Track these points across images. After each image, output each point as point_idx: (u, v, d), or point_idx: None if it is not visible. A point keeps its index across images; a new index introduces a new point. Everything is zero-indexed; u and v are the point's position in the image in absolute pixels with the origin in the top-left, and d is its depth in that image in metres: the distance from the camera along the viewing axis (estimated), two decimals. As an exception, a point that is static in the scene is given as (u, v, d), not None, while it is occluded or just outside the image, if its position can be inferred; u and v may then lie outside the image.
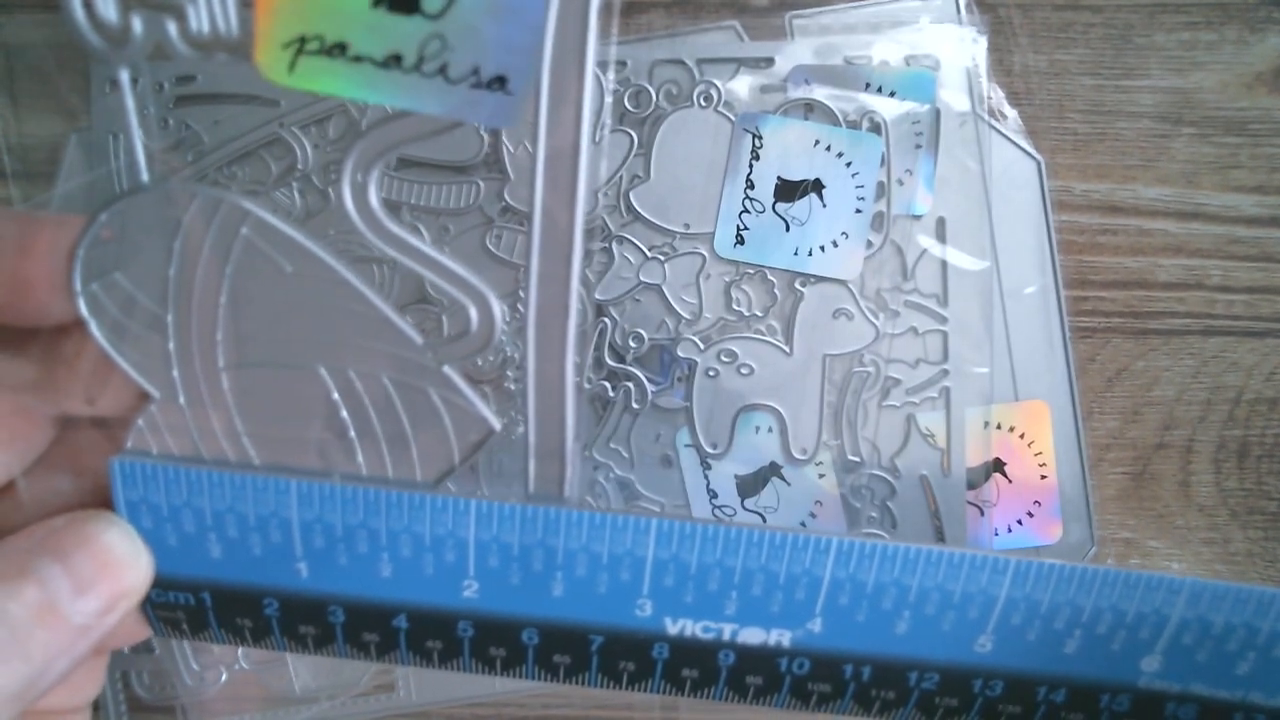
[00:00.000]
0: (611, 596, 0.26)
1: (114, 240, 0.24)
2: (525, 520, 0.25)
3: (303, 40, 0.21)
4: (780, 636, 0.26)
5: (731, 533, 0.25)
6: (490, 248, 0.37)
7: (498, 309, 0.24)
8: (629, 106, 0.37)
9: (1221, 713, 0.26)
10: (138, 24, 0.22)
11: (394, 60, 0.21)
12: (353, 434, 0.25)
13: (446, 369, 0.25)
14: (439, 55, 0.21)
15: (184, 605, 0.26)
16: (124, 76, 0.23)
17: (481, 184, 0.37)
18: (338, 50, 0.21)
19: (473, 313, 0.24)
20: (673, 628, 0.26)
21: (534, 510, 0.25)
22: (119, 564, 0.24)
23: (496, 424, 0.25)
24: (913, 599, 0.25)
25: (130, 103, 0.24)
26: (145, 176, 0.25)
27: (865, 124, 0.36)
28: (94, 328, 0.24)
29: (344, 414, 0.25)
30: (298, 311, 0.24)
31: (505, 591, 0.26)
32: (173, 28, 0.22)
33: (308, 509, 0.25)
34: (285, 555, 0.25)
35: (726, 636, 0.26)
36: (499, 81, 0.22)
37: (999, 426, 0.38)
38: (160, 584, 0.26)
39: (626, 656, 0.26)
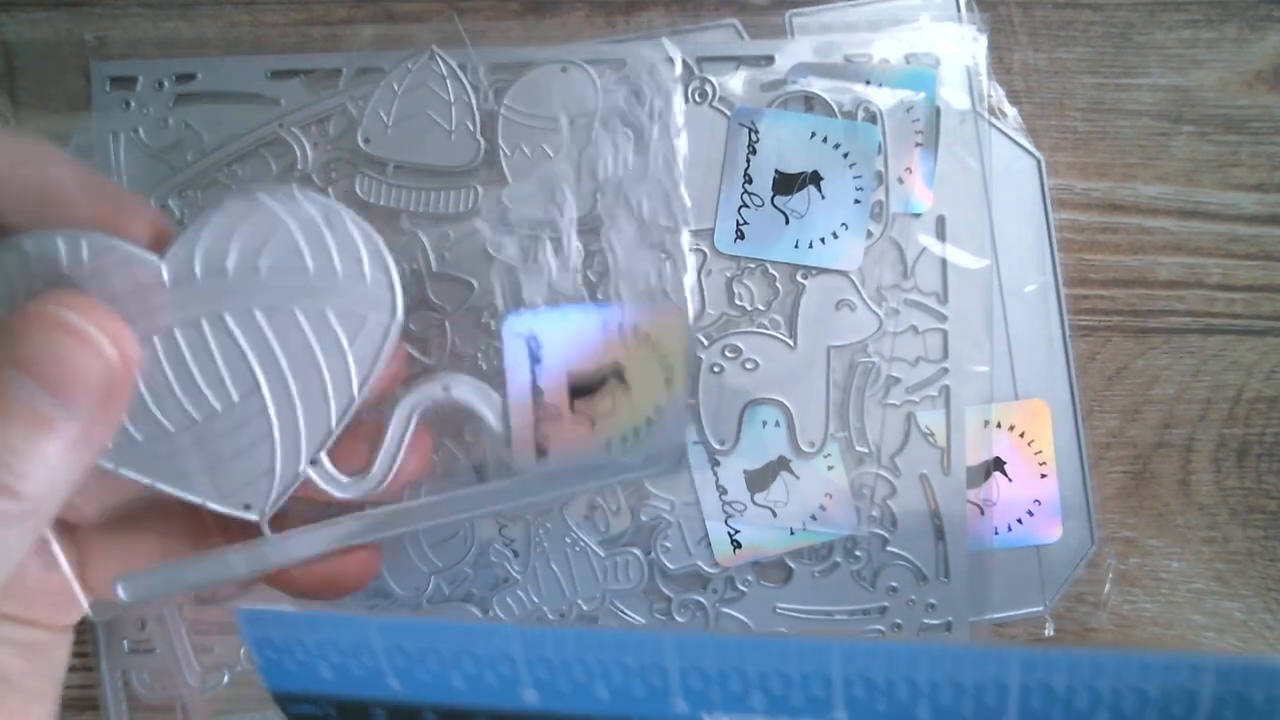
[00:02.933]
0: (649, 699, 0.28)
1: None
2: (557, 640, 0.27)
3: None
4: None
5: (740, 640, 0.27)
6: (491, 252, 0.37)
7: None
8: (625, 106, 0.37)
9: None
10: None
11: None
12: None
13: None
14: None
15: (317, 715, 0.30)
16: None
17: (480, 188, 0.37)
18: None
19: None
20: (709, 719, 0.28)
21: (563, 633, 0.27)
22: (83, 359, 0.24)
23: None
24: (927, 689, 0.26)
25: None
26: None
27: (861, 114, 0.36)
28: None
29: None
30: None
31: (559, 695, 0.28)
32: None
33: (386, 638, 0.28)
34: (378, 673, 0.29)
35: None
36: None
37: (999, 425, 0.38)
38: (292, 699, 0.29)
39: None
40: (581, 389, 0.29)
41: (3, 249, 0.25)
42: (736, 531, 0.37)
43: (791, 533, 0.37)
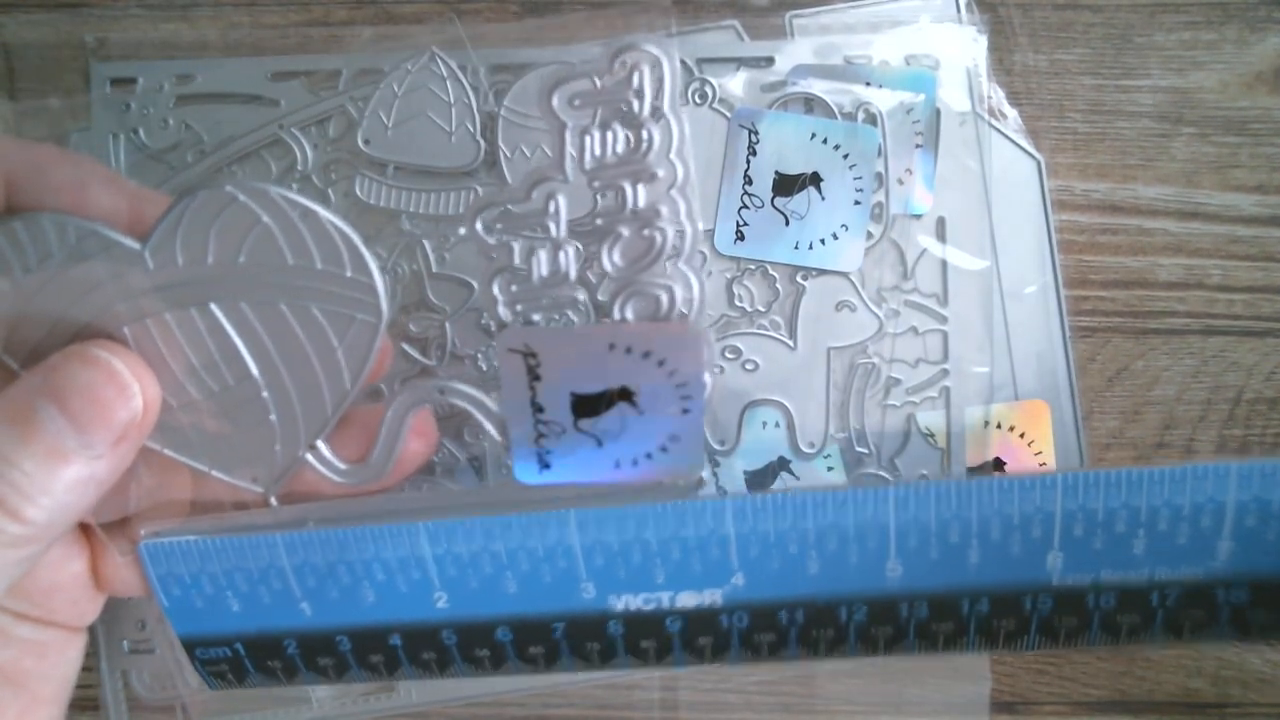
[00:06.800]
0: (557, 585, 0.28)
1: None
2: (466, 531, 0.28)
3: None
4: (712, 596, 0.28)
5: (641, 509, 0.27)
6: (485, 257, 0.36)
7: None
8: (625, 107, 0.36)
9: (1138, 596, 0.27)
10: None
11: None
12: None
13: None
14: None
15: (225, 658, 0.30)
16: None
17: (480, 190, 0.37)
18: None
19: None
20: (618, 604, 0.29)
21: (472, 522, 0.28)
22: (112, 400, 0.26)
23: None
24: (814, 539, 0.27)
25: None
26: None
27: (861, 116, 0.36)
28: None
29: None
30: None
31: (469, 597, 0.29)
32: None
33: (294, 555, 0.28)
34: (288, 599, 0.29)
35: (666, 604, 0.29)
36: None
37: (999, 426, 0.38)
38: (200, 643, 0.30)
39: (588, 638, 0.29)
40: (587, 407, 0.28)
41: None
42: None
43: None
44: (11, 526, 0.24)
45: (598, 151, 0.26)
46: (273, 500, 0.29)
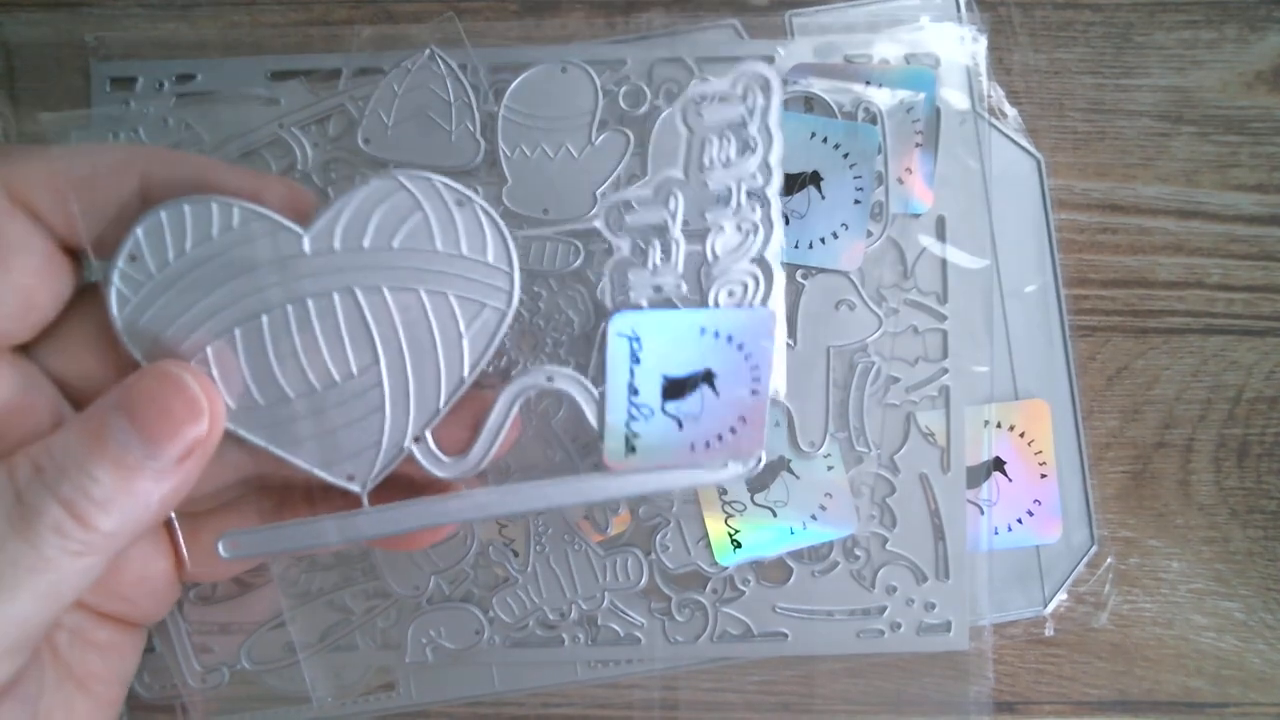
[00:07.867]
0: None
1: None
2: None
3: None
4: None
5: None
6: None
7: None
8: (625, 106, 0.37)
9: None
10: None
11: None
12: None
13: None
14: None
15: None
16: None
17: (480, 188, 0.36)
18: None
19: None
20: None
21: None
22: (181, 416, 0.26)
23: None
24: None
25: None
26: None
27: (861, 115, 0.36)
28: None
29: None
30: None
31: None
32: None
33: None
34: None
35: None
36: None
37: (999, 425, 0.38)
38: None
39: None
40: (673, 391, 0.30)
41: (164, 209, 0.27)
42: (736, 531, 0.37)
43: (791, 532, 0.37)
44: (79, 533, 0.25)
45: (715, 155, 0.29)
46: (366, 500, 0.30)
